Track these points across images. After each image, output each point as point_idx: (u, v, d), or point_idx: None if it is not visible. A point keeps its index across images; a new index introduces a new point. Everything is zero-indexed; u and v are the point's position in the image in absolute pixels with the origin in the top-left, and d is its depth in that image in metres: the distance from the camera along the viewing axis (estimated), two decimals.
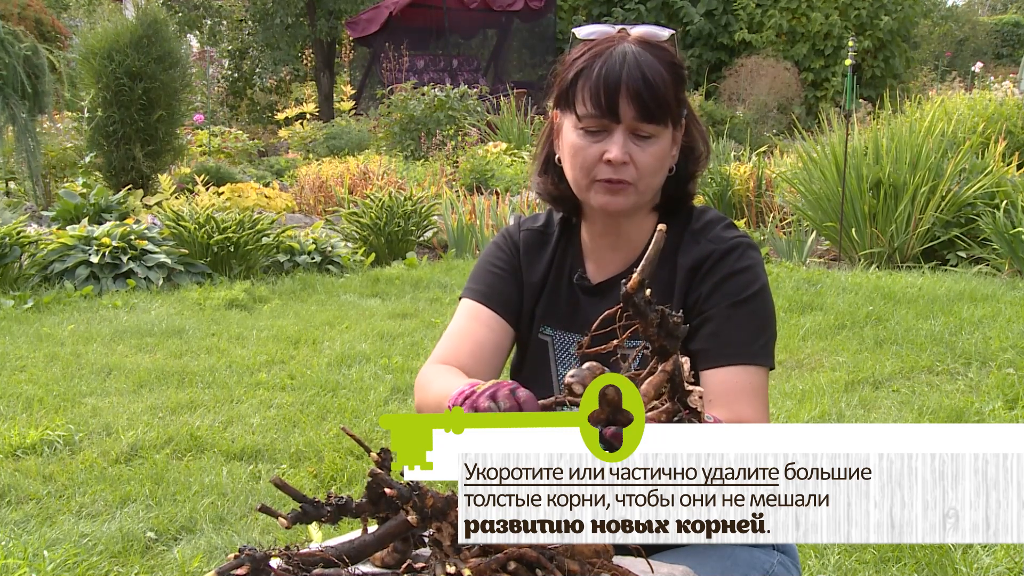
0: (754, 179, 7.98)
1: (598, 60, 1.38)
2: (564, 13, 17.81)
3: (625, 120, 1.37)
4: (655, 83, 1.35)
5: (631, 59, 1.36)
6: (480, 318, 1.51)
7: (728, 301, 1.37)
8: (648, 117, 1.36)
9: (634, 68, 1.35)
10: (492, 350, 1.50)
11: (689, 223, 1.47)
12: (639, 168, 1.39)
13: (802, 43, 16.80)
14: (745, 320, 1.37)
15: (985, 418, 3.52)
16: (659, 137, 1.39)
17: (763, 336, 1.38)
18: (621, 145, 1.37)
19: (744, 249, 1.41)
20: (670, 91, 1.38)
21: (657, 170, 1.41)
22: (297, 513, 1.10)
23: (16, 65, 7.89)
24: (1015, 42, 24.32)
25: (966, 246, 6.60)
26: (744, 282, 1.39)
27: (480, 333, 1.50)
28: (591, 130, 1.39)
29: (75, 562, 2.52)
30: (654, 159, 1.39)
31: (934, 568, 2.46)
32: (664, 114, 1.37)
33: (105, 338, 4.84)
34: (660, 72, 1.37)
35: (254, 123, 17.99)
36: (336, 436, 3.43)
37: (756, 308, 1.39)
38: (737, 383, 1.32)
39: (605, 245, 1.50)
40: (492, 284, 1.54)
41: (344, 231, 7.44)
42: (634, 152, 1.38)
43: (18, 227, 6.19)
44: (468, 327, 1.51)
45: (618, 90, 1.35)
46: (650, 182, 1.41)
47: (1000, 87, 9.31)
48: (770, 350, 1.39)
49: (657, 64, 1.37)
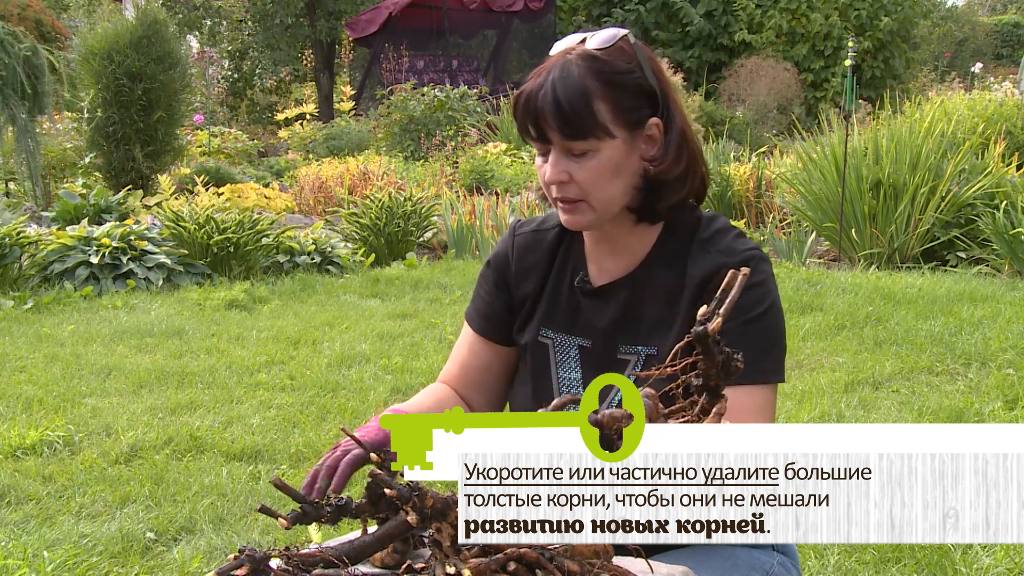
0: (754, 180, 7.99)
1: (530, 84, 1.38)
2: (564, 13, 17.82)
3: (555, 141, 1.36)
4: (569, 102, 1.33)
5: (550, 82, 1.35)
6: (468, 341, 1.60)
7: (739, 319, 1.34)
8: (571, 135, 1.34)
9: (549, 90, 1.34)
10: (479, 372, 1.58)
11: (697, 231, 1.45)
12: (580, 185, 1.37)
13: (802, 44, 16.81)
14: (756, 338, 1.35)
15: (985, 418, 3.52)
16: (598, 151, 1.36)
17: (773, 353, 1.37)
18: (554, 165, 1.37)
19: (756, 263, 1.39)
20: (598, 103, 1.34)
21: (604, 183, 1.37)
22: (297, 514, 1.10)
23: (16, 66, 7.89)
24: (1015, 42, 24.34)
25: (966, 246, 6.61)
26: (756, 299, 1.37)
27: (469, 358, 1.59)
28: (540, 151, 1.41)
29: (75, 563, 2.52)
30: (594, 174, 1.36)
31: (934, 568, 2.46)
32: (588, 129, 1.34)
33: (105, 339, 4.84)
34: (580, 87, 1.33)
35: (254, 124, 18.00)
36: (336, 436, 3.43)
37: (767, 326, 1.37)
38: (744, 403, 1.31)
39: (603, 251, 1.49)
40: (479, 310, 1.60)
41: (344, 232, 7.44)
42: (573, 170, 1.37)
43: (18, 227, 6.19)
44: (460, 350, 1.61)
45: (537, 114, 1.35)
46: (601, 196, 1.38)
47: (1000, 88, 9.32)
48: (780, 365, 1.38)
49: (580, 80, 1.34)
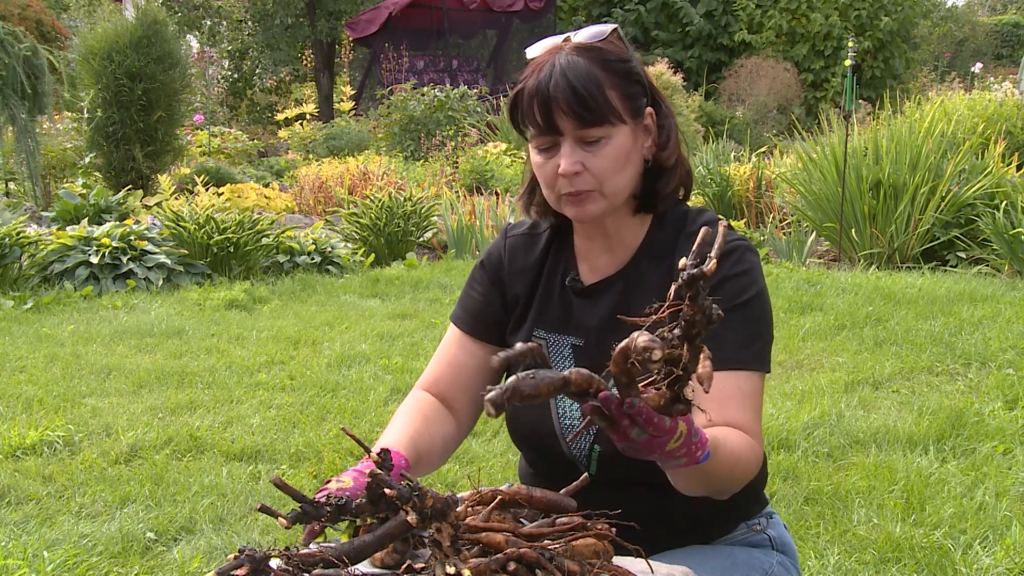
0: (754, 180, 7.99)
1: (531, 79, 1.38)
2: (564, 13, 17.84)
3: (567, 131, 1.36)
4: (585, 88, 1.34)
5: (558, 70, 1.35)
6: (460, 343, 1.56)
7: (724, 305, 1.36)
8: (587, 123, 1.35)
9: (560, 79, 1.34)
10: (471, 374, 1.54)
11: (685, 225, 1.46)
12: (595, 173, 1.37)
13: (802, 44, 16.81)
14: (740, 325, 1.35)
15: (985, 418, 3.52)
16: (611, 137, 1.37)
17: (758, 342, 1.37)
18: (568, 156, 1.36)
19: (742, 252, 1.40)
20: (609, 90, 1.36)
21: (617, 169, 1.39)
22: (297, 513, 1.10)
23: (16, 66, 7.89)
24: (1015, 43, 24.35)
25: (966, 246, 6.61)
26: (741, 286, 1.38)
27: (460, 358, 1.56)
28: (543, 147, 1.40)
29: (75, 563, 2.52)
30: (609, 160, 1.38)
31: (934, 568, 2.46)
32: (604, 115, 1.36)
33: (105, 339, 4.84)
34: (591, 75, 1.35)
35: (254, 124, 18.01)
36: (336, 436, 3.43)
37: (751, 313, 1.37)
38: (728, 389, 1.31)
39: (597, 248, 1.49)
40: (470, 308, 1.57)
41: (344, 232, 7.44)
42: (586, 159, 1.37)
43: (18, 227, 6.19)
44: (449, 351, 1.57)
45: (550, 104, 1.35)
46: (615, 183, 1.39)
47: (1000, 88, 9.32)
48: (765, 355, 1.38)
49: (589, 67, 1.35)
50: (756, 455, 1.31)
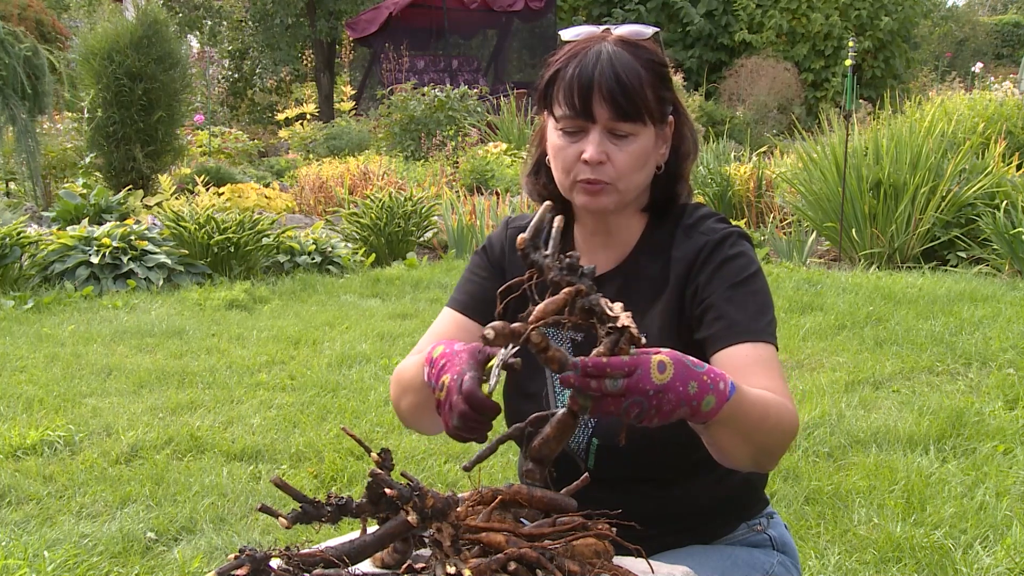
0: (754, 179, 7.99)
1: (573, 61, 1.38)
2: (564, 13, 17.83)
3: (600, 120, 1.37)
4: (629, 81, 1.35)
5: (605, 58, 1.36)
6: (457, 322, 1.53)
7: (727, 284, 1.38)
8: (623, 116, 1.36)
9: (607, 67, 1.35)
10: None
11: (681, 219, 1.48)
12: (617, 167, 1.38)
13: (802, 44, 16.80)
14: (746, 300, 1.37)
15: (985, 418, 3.52)
16: (638, 136, 1.38)
17: (765, 316, 1.38)
18: (597, 144, 1.37)
19: (736, 238, 1.42)
20: (647, 89, 1.37)
21: (637, 168, 1.40)
22: (297, 513, 1.10)
23: (16, 66, 7.89)
24: (1015, 42, 24.34)
25: (966, 246, 6.60)
26: (740, 266, 1.40)
27: (459, 337, 1.51)
28: (569, 130, 1.39)
29: (75, 563, 2.52)
30: (632, 158, 1.38)
31: (934, 568, 2.46)
32: (640, 112, 1.37)
33: (105, 338, 4.84)
34: (635, 70, 1.36)
35: (254, 124, 18.01)
36: (336, 436, 3.43)
37: (755, 289, 1.39)
38: (748, 357, 1.32)
39: (596, 243, 1.50)
40: (471, 292, 1.55)
41: (344, 231, 7.44)
42: (611, 151, 1.38)
43: (18, 227, 6.19)
44: (446, 330, 1.52)
45: (591, 90, 1.35)
46: (631, 181, 1.40)
47: (1000, 87, 9.31)
48: (773, 330, 1.39)
49: (633, 62, 1.36)
50: (789, 409, 1.27)
